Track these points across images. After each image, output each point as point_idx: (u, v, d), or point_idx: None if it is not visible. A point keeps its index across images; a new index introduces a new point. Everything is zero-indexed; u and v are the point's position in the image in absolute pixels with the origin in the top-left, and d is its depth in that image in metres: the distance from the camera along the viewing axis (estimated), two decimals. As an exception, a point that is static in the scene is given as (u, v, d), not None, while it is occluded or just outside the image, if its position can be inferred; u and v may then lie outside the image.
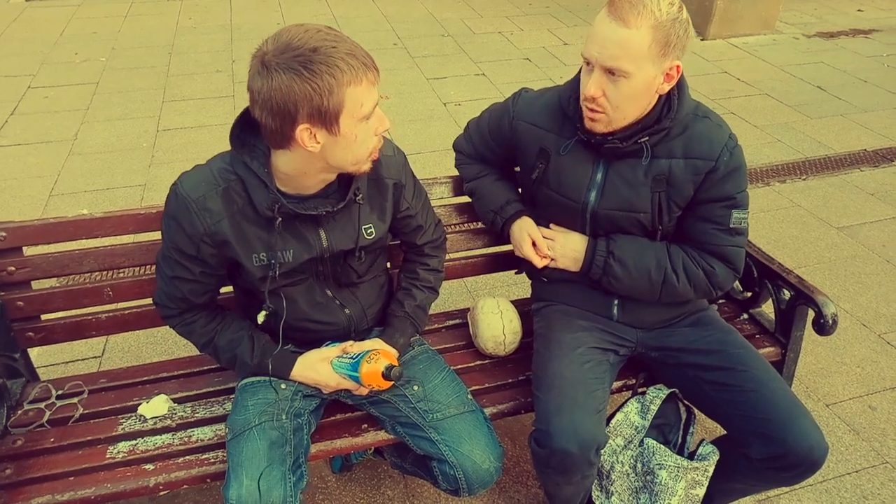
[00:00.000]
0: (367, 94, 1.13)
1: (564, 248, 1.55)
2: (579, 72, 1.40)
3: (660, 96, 1.36)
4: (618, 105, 1.33)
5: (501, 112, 1.60)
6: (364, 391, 1.45)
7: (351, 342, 1.48)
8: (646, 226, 1.48)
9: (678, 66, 1.32)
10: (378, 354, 1.36)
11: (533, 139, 1.53)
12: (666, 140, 1.40)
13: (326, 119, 1.11)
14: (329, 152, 1.17)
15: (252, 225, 1.27)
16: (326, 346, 1.50)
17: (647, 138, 1.38)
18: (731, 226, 1.44)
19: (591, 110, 1.36)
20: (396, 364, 1.36)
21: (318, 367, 1.43)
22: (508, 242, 1.68)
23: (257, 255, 1.30)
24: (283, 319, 1.39)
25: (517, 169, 1.70)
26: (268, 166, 1.23)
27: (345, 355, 1.42)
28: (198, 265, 1.30)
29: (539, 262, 1.57)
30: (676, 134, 1.40)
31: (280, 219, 1.25)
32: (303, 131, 1.11)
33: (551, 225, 1.59)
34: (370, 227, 1.38)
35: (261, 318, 1.42)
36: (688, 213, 1.48)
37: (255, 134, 1.22)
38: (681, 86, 1.38)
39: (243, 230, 1.27)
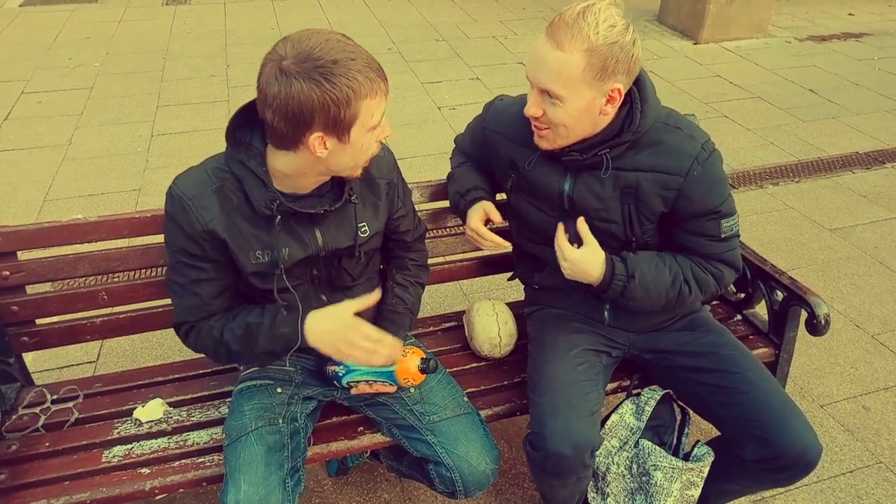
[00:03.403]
0: (378, 106, 1.16)
1: (575, 271, 1.42)
2: None
3: (621, 108, 1.34)
4: (557, 125, 1.32)
5: (478, 119, 1.62)
6: (385, 389, 1.43)
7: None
8: (619, 236, 1.45)
9: (619, 90, 1.27)
10: (409, 350, 1.36)
11: (503, 149, 1.53)
12: (633, 153, 1.38)
13: (340, 129, 1.13)
14: (334, 158, 1.19)
15: (248, 223, 1.27)
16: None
17: (606, 150, 1.36)
18: (723, 235, 1.43)
19: (537, 127, 1.37)
20: (424, 356, 1.36)
21: (327, 315, 1.30)
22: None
23: (254, 252, 1.29)
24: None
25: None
26: (265, 165, 1.23)
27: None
28: (207, 262, 1.28)
29: (490, 240, 1.53)
30: (646, 146, 1.37)
31: (279, 216, 1.25)
32: (315, 139, 1.13)
33: (579, 221, 1.44)
34: (364, 226, 1.39)
35: None
36: (678, 230, 1.45)
37: (251, 133, 1.23)
38: (644, 98, 1.34)
39: (239, 229, 1.27)
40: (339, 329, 1.28)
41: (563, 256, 1.41)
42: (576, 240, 1.43)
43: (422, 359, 1.35)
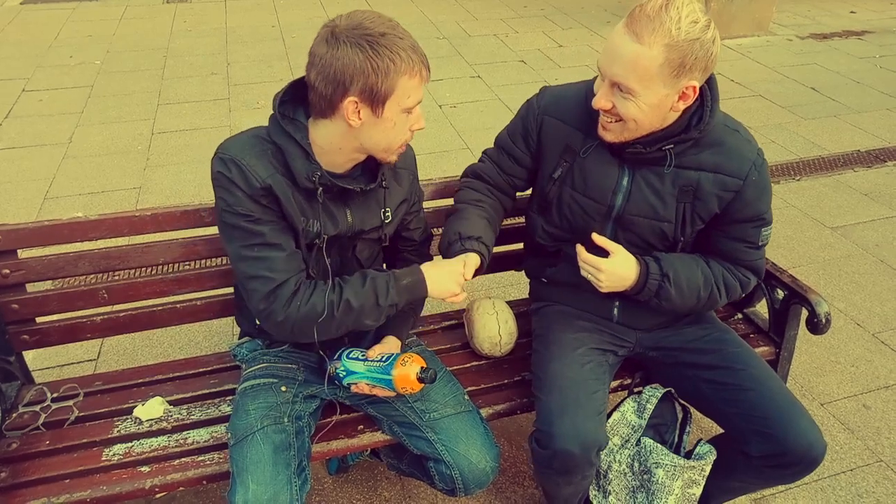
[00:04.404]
0: (416, 89, 1.20)
1: (609, 278, 1.41)
2: None
3: (689, 107, 1.31)
4: (627, 119, 1.29)
5: (526, 111, 1.53)
6: (383, 393, 1.41)
7: (373, 348, 1.44)
8: (668, 235, 1.44)
9: (695, 87, 1.25)
10: (408, 359, 1.35)
11: (559, 135, 1.47)
12: (694, 151, 1.37)
13: (375, 99, 1.17)
14: (366, 131, 1.22)
15: (292, 190, 1.28)
16: (345, 352, 1.47)
17: (671, 146, 1.34)
18: (760, 243, 1.44)
19: (605, 119, 1.34)
20: (425, 366, 1.35)
21: (444, 265, 1.38)
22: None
23: (300, 217, 1.29)
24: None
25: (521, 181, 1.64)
26: (307, 138, 1.26)
27: (371, 360, 1.40)
28: (273, 214, 1.27)
29: (458, 296, 1.39)
30: (707, 146, 1.37)
31: (321, 188, 1.27)
32: (350, 103, 1.17)
33: (594, 235, 1.43)
34: (388, 211, 1.42)
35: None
36: (718, 233, 1.45)
37: (294, 109, 1.27)
38: (715, 97, 1.34)
39: (288, 191, 1.27)
40: (447, 268, 1.37)
41: (599, 269, 1.40)
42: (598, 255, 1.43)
43: (421, 368, 1.34)
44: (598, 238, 1.42)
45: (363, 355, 1.42)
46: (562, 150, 1.47)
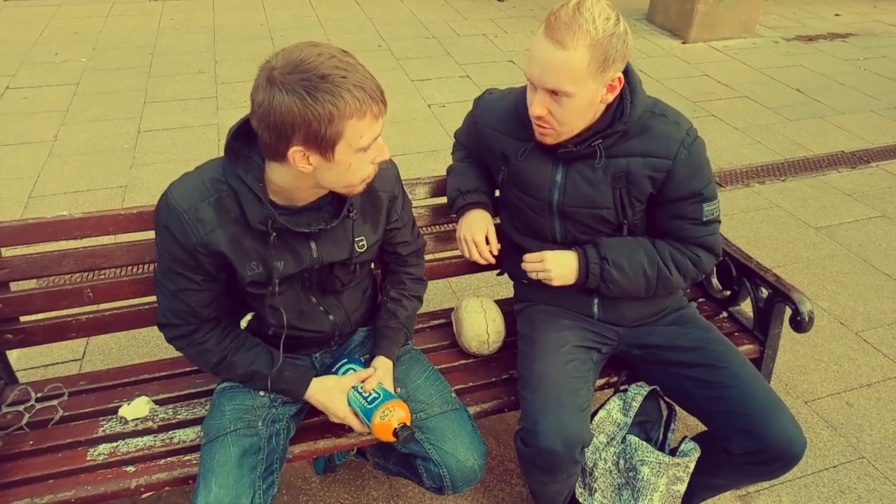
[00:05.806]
0: (369, 128, 1.12)
1: (555, 265, 1.49)
2: None
3: (612, 100, 1.38)
4: (563, 121, 1.36)
5: (470, 114, 1.66)
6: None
7: (371, 371, 1.43)
8: (611, 221, 1.49)
9: (620, 78, 1.33)
10: (393, 409, 1.33)
11: (494, 142, 1.56)
12: (623, 141, 1.42)
13: (322, 145, 1.10)
14: (321, 174, 1.17)
15: (246, 234, 1.26)
16: (343, 368, 1.47)
17: (600, 141, 1.40)
18: (705, 219, 1.47)
19: (540, 126, 1.39)
20: (408, 422, 1.34)
21: (334, 394, 1.39)
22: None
23: (250, 263, 1.28)
24: (283, 335, 1.38)
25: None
26: (262, 180, 1.21)
27: (361, 391, 1.38)
28: (199, 274, 1.27)
29: (485, 257, 1.60)
30: (634, 134, 1.42)
31: (274, 234, 1.24)
32: (295, 153, 1.11)
33: (524, 256, 1.54)
34: (362, 240, 1.38)
35: (244, 322, 1.41)
36: (659, 214, 1.49)
37: (251, 145, 1.21)
38: (633, 89, 1.39)
39: (238, 239, 1.25)
40: (330, 408, 1.40)
41: (541, 259, 1.49)
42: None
43: (401, 425, 1.32)
44: (528, 257, 1.52)
45: (361, 387, 1.39)
46: (498, 156, 1.56)
